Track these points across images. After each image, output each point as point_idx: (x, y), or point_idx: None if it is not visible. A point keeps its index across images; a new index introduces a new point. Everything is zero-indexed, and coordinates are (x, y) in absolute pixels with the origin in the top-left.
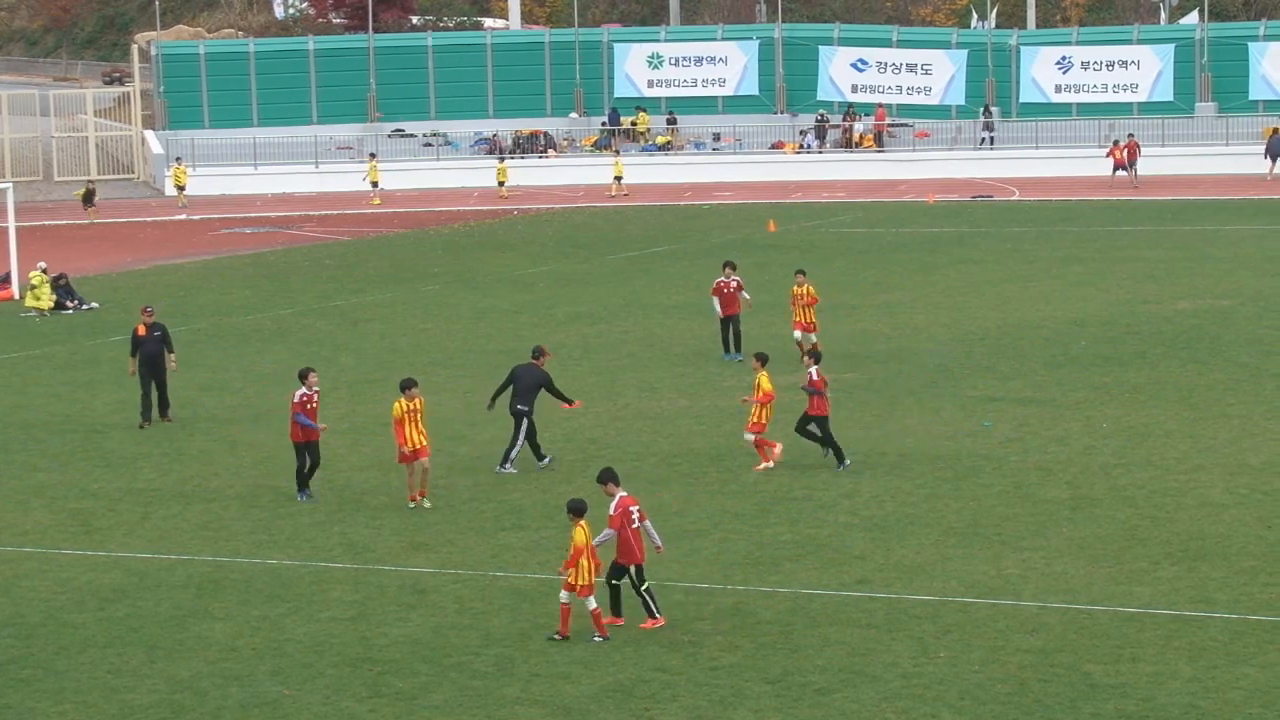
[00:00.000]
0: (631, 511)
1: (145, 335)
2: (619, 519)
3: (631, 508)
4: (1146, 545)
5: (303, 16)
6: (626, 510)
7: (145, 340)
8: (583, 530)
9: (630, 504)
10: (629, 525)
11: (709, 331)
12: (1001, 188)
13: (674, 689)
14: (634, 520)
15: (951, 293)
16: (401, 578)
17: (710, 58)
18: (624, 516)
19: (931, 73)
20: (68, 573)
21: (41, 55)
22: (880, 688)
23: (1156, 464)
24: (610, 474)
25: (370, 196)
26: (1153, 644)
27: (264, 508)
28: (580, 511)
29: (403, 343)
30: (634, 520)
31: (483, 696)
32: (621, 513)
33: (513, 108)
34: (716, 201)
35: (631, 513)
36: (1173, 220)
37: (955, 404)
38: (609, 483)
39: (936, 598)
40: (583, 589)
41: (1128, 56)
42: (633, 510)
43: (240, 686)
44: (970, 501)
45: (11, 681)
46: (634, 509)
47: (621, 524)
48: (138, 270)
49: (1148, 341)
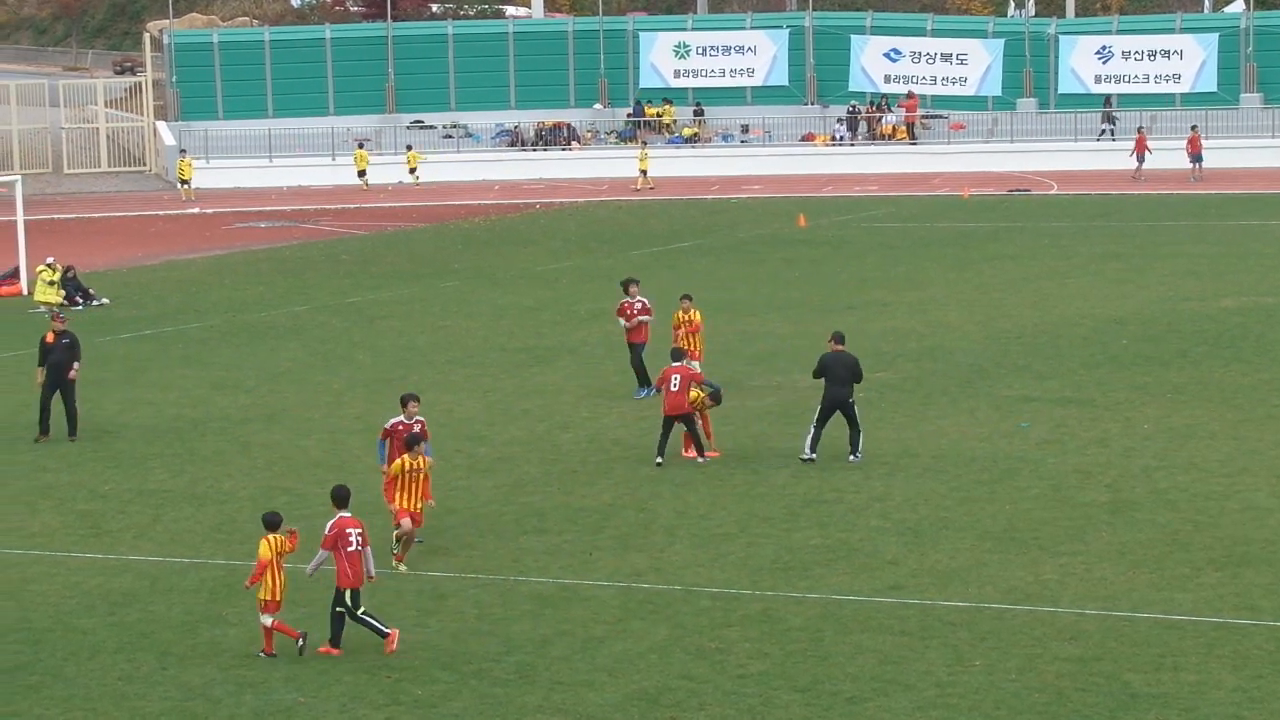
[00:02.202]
0: (349, 534)
1: (53, 343)
2: (331, 540)
3: (351, 530)
4: (1189, 550)
5: (319, 4)
6: (342, 532)
7: (53, 348)
8: (267, 543)
9: (349, 526)
10: (344, 548)
11: (735, 330)
12: (1039, 181)
13: (700, 697)
14: (351, 543)
15: (986, 289)
16: (420, 582)
17: (738, 47)
18: (338, 538)
19: (967, 63)
20: (77, 576)
21: (51, 44)
22: (914, 697)
23: (1199, 466)
24: (336, 492)
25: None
26: (1195, 652)
27: (278, 510)
28: (271, 525)
29: (421, 340)
30: (351, 543)
31: (503, 704)
32: (336, 534)
33: (535, 99)
34: (744, 195)
35: (349, 535)
36: (1216, 215)
37: (990, 404)
38: (334, 502)
39: (971, 604)
40: (268, 604)
41: (1170, 46)
42: (350, 533)
43: (255, 694)
44: (1006, 505)
45: (19, 688)
46: (353, 531)
47: (334, 545)
48: (148, 265)
49: (1190, 340)
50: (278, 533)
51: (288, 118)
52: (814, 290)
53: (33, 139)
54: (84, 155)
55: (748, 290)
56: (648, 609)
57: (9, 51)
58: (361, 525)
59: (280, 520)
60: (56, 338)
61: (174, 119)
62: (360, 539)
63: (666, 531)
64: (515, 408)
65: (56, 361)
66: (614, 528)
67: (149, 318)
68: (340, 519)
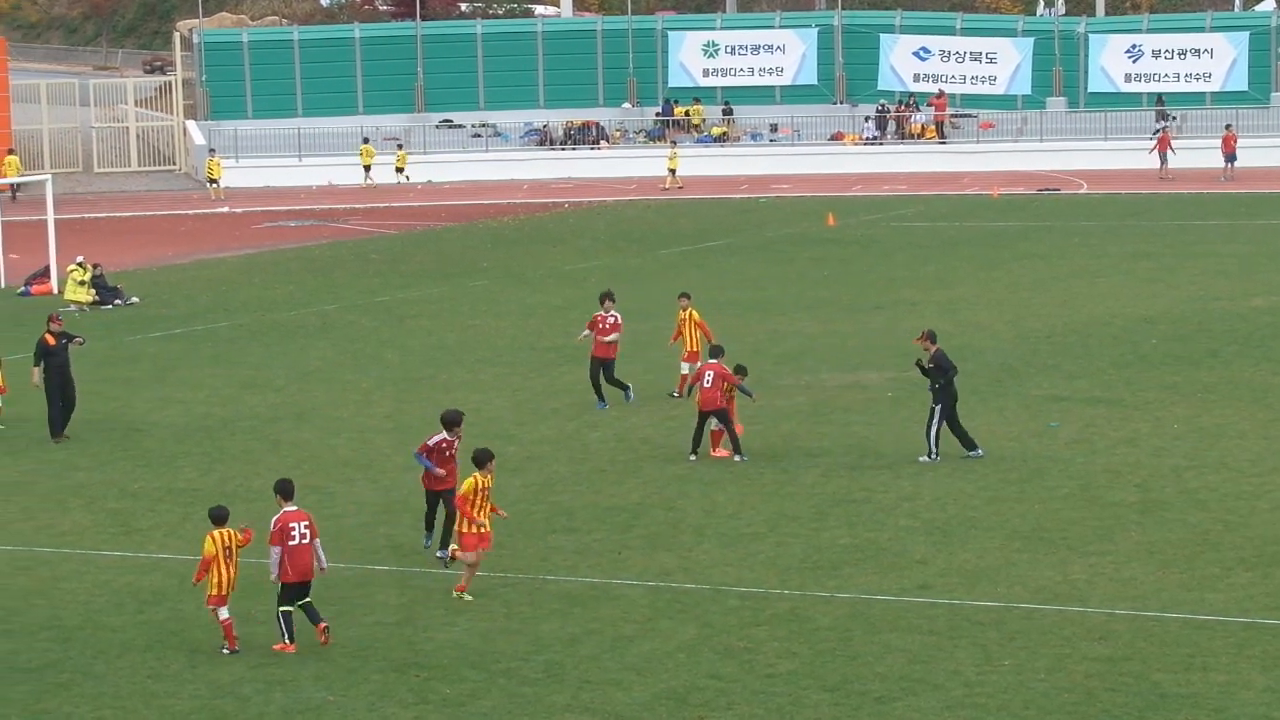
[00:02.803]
0: (292, 528)
1: (54, 346)
2: (277, 536)
3: (294, 524)
4: (1219, 550)
5: (349, 3)
6: (285, 527)
7: (54, 350)
8: (212, 539)
9: (292, 520)
10: (287, 542)
11: (764, 329)
12: (1068, 180)
13: (729, 697)
14: (294, 537)
15: (1016, 289)
16: (448, 581)
17: (767, 46)
18: (283, 533)
19: (996, 61)
20: (106, 575)
21: (81, 44)
22: (942, 696)
23: (1229, 466)
24: (281, 486)
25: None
26: (1225, 652)
27: (307, 508)
28: (218, 520)
29: (450, 339)
30: (294, 537)
31: (532, 703)
32: (280, 529)
33: (563, 98)
34: (773, 195)
35: (292, 529)
36: (1246, 214)
37: (1020, 404)
38: (278, 495)
39: (1000, 604)
40: (212, 598)
41: (1200, 45)
42: (293, 526)
43: (284, 692)
44: (1035, 504)
45: (50, 686)
46: (296, 525)
47: (280, 541)
48: (178, 265)
49: (1220, 340)
50: (225, 528)
51: (317, 117)
52: (843, 289)
53: (63, 138)
54: (114, 154)
55: (776, 289)
56: (676, 608)
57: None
58: (308, 517)
59: (227, 515)
60: (56, 339)
61: (203, 118)
62: (307, 531)
63: (695, 531)
64: (544, 407)
65: (60, 364)
66: (643, 527)
67: (179, 317)
68: (285, 513)
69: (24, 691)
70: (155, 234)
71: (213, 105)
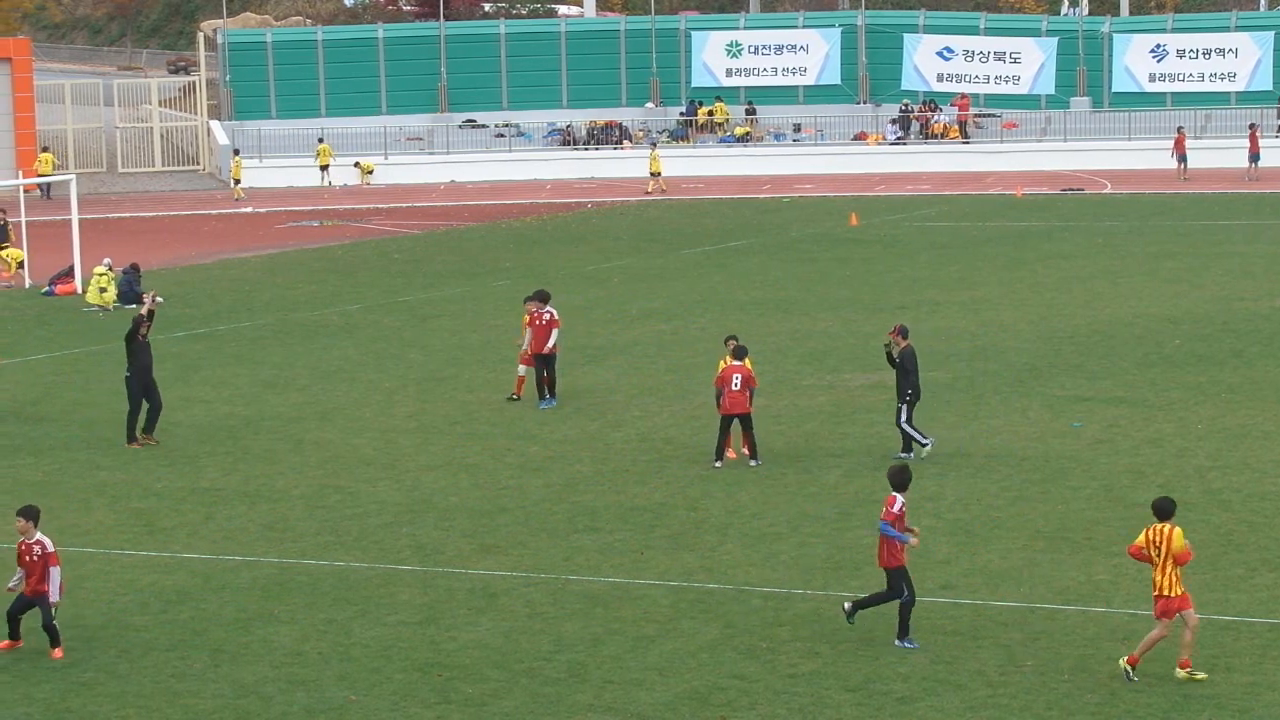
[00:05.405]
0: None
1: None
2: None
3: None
4: (1243, 551)
5: (372, 3)
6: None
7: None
8: None
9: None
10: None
11: (787, 329)
12: (1092, 180)
13: (751, 697)
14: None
15: (1039, 289)
16: (471, 581)
17: (791, 46)
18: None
19: (1020, 61)
20: (130, 574)
21: (105, 44)
22: (965, 696)
23: (1254, 467)
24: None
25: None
26: (1249, 653)
27: (330, 508)
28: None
29: (473, 339)
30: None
31: (554, 703)
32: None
33: (587, 98)
34: (796, 195)
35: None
36: (1271, 214)
37: (1043, 404)
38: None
39: (1023, 604)
40: None
41: (1225, 44)
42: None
43: (306, 692)
44: (1059, 505)
45: (73, 685)
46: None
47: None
48: (201, 264)
49: (1244, 340)
50: None
51: (340, 117)
52: (865, 289)
53: (87, 138)
54: (138, 154)
55: (799, 289)
56: (699, 608)
57: (64, 51)
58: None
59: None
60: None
61: (227, 118)
62: None
63: (718, 531)
64: (567, 406)
65: (144, 365)
66: (665, 527)
67: (202, 316)
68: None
69: (48, 690)
70: (179, 234)
71: (236, 105)
